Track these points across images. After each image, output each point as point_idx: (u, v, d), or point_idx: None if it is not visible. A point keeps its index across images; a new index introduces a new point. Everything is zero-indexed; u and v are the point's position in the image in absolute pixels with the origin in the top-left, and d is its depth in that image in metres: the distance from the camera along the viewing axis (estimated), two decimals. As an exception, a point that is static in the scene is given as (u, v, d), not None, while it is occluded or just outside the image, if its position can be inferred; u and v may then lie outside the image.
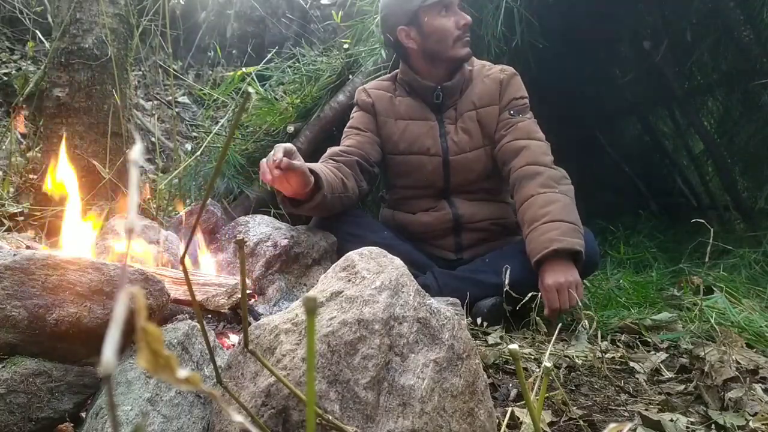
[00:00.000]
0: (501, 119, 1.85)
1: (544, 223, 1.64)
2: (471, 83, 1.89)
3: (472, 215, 1.89)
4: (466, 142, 1.86)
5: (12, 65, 3.44)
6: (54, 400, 0.85)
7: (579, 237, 1.62)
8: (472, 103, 1.87)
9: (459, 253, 1.92)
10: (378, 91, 1.94)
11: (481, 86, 1.88)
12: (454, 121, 1.88)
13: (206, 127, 3.14)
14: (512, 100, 1.86)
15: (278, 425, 0.72)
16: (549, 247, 1.59)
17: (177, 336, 0.90)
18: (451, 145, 1.87)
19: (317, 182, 1.58)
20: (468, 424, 0.77)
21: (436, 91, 1.85)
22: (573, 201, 1.71)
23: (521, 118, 1.84)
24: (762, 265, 2.47)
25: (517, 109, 1.85)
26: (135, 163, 0.27)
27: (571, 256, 1.61)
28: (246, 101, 0.39)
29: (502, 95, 1.87)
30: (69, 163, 1.26)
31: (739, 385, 1.16)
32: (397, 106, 1.90)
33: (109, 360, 0.22)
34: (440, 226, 1.91)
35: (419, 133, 1.88)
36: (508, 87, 1.87)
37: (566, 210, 1.66)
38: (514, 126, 1.83)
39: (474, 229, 1.90)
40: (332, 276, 0.85)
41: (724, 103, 3.60)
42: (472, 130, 1.86)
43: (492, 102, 1.86)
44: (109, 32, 2.11)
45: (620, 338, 1.63)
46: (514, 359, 0.47)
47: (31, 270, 0.87)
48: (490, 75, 1.89)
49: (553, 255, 1.60)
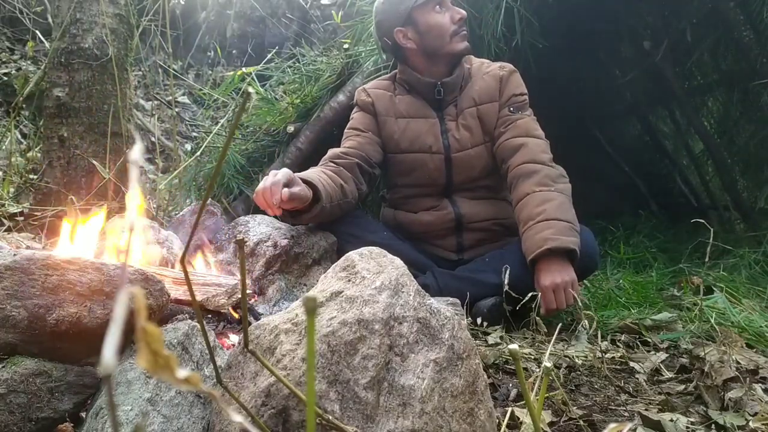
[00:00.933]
0: (501, 116, 1.86)
1: (538, 222, 1.64)
2: (470, 80, 1.90)
3: (474, 215, 1.89)
4: (468, 138, 1.86)
5: (12, 65, 3.44)
6: (54, 400, 0.85)
7: (574, 235, 1.62)
8: (472, 99, 1.87)
9: (460, 253, 1.91)
10: (378, 91, 1.93)
11: (481, 83, 1.88)
12: (455, 117, 1.88)
13: (206, 127, 3.14)
14: (512, 96, 1.86)
15: (278, 425, 0.72)
16: (543, 246, 1.59)
17: (177, 336, 0.90)
18: (453, 142, 1.87)
19: (315, 194, 1.59)
20: (468, 424, 0.77)
21: (437, 87, 1.85)
22: (569, 199, 1.71)
23: (520, 115, 1.84)
24: (762, 265, 2.47)
25: (517, 106, 1.85)
26: (135, 163, 0.27)
27: (566, 254, 1.61)
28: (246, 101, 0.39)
29: (501, 92, 1.87)
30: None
31: (739, 385, 1.16)
32: (397, 104, 1.90)
33: (109, 360, 0.22)
34: (442, 226, 1.90)
35: (420, 130, 1.88)
36: (508, 83, 1.87)
37: (561, 208, 1.66)
38: (513, 123, 1.83)
39: (476, 229, 1.89)
40: (332, 276, 0.85)
41: (724, 103, 3.60)
42: (473, 126, 1.86)
43: (492, 98, 1.86)
44: (109, 32, 2.11)
45: (620, 338, 1.63)
46: (514, 359, 0.47)
47: (31, 270, 0.87)
48: (489, 72, 1.89)
49: (547, 254, 1.60)
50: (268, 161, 2.42)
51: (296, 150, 2.35)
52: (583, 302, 1.72)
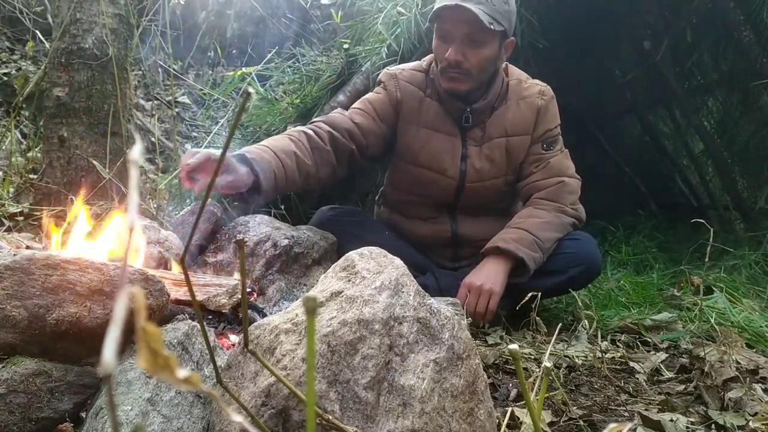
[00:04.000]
0: (531, 152, 1.75)
1: (510, 227, 1.66)
2: (505, 102, 1.75)
3: (473, 235, 1.82)
4: (488, 170, 1.75)
5: (12, 65, 3.44)
6: (54, 400, 0.85)
7: (534, 250, 1.61)
8: (504, 129, 1.74)
9: (456, 262, 1.88)
10: (409, 86, 1.77)
11: (516, 111, 1.74)
12: (479, 143, 1.75)
13: (206, 127, 3.14)
14: (546, 131, 1.75)
15: (278, 425, 0.72)
16: (494, 244, 1.61)
17: (177, 336, 0.90)
18: (471, 171, 1.75)
19: (257, 182, 1.44)
20: (468, 424, 0.77)
21: (465, 113, 1.72)
22: (558, 225, 1.69)
23: (553, 152, 1.76)
24: (762, 266, 2.48)
25: (550, 142, 1.76)
26: (135, 163, 0.27)
27: (511, 262, 1.60)
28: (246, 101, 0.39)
29: (536, 125, 1.74)
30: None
31: (739, 385, 1.16)
32: (424, 111, 1.76)
33: (109, 360, 0.22)
34: (437, 240, 1.86)
35: (441, 149, 1.75)
36: (545, 116, 1.74)
37: (540, 226, 1.65)
38: (546, 162, 1.74)
39: (475, 245, 1.79)
40: (332, 276, 0.85)
41: (724, 103, 3.60)
42: (497, 159, 1.75)
43: (525, 131, 1.74)
44: (109, 32, 2.11)
45: (620, 338, 1.63)
46: (514, 359, 0.47)
47: (31, 270, 0.87)
48: (526, 98, 1.75)
49: (494, 252, 1.61)
50: (268, 161, 2.41)
51: (296, 150, 2.34)
52: (583, 302, 1.72)
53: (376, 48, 2.27)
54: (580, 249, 1.72)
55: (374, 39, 2.30)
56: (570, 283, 1.69)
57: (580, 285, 1.78)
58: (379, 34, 2.25)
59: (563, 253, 1.70)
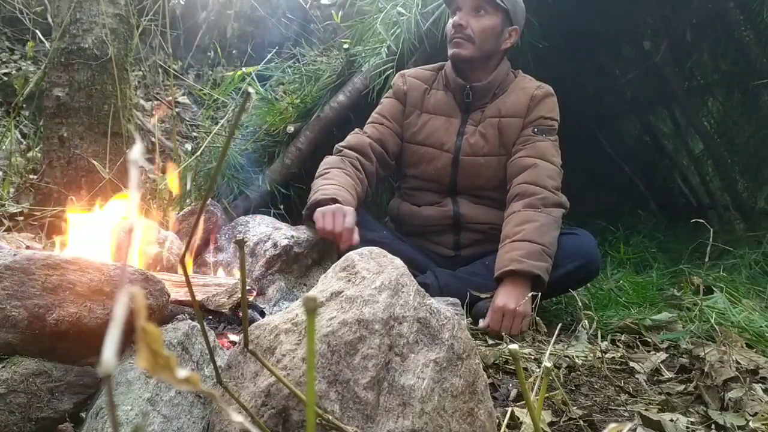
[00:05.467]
0: (523, 134, 1.84)
1: (513, 241, 1.66)
2: (506, 92, 1.88)
3: (473, 216, 1.89)
4: (481, 146, 1.86)
5: (12, 65, 3.44)
6: (54, 400, 0.85)
7: (544, 260, 1.62)
8: (498, 110, 1.86)
9: (457, 250, 1.93)
10: (415, 80, 1.94)
11: (513, 96, 1.87)
12: (477, 123, 1.88)
13: (206, 127, 3.14)
14: (540, 117, 1.84)
15: (278, 425, 0.72)
16: (508, 267, 1.61)
17: (177, 336, 0.90)
18: (465, 145, 1.86)
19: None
20: (468, 424, 0.77)
21: (465, 90, 1.86)
22: (554, 224, 1.70)
23: (543, 138, 1.82)
24: (762, 265, 2.47)
25: (543, 129, 1.83)
26: (135, 163, 0.27)
27: (530, 278, 1.61)
28: (246, 101, 0.39)
29: (530, 110, 1.84)
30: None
31: (739, 385, 1.16)
32: (427, 99, 1.92)
33: (109, 360, 0.22)
34: (440, 222, 1.92)
35: (438, 127, 1.89)
36: (540, 104, 1.85)
37: (539, 231, 1.66)
38: (531, 143, 1.81)
39: (474, 230, 1.90)
40: (332, 276, 0.85)
41: (724, 103, 3.60)
42: (490, 136, 1.85)
43: (517, 114, 1.84)
44: (109, 32, 2.11)
45: (620, 338, 1.63)
46: (514, 359, 0.47)
47: (31, 270, 0.87)
48: (525, 88, 1.88)
49: (510, 275, 1.61)
50: (268, 161, 2.42)
51: (296, 150, 2.35)
52: (583, 302, 1.72)
53: (376, 48, 2.27)
54: (578, 244, 1.74)
55: (374, 39, 2.30)
56: (567, 277, 1.70)
57: (579, 281, 1.79)
58: (379, 35, 2.25)
59: (560, 248, 1.70)
